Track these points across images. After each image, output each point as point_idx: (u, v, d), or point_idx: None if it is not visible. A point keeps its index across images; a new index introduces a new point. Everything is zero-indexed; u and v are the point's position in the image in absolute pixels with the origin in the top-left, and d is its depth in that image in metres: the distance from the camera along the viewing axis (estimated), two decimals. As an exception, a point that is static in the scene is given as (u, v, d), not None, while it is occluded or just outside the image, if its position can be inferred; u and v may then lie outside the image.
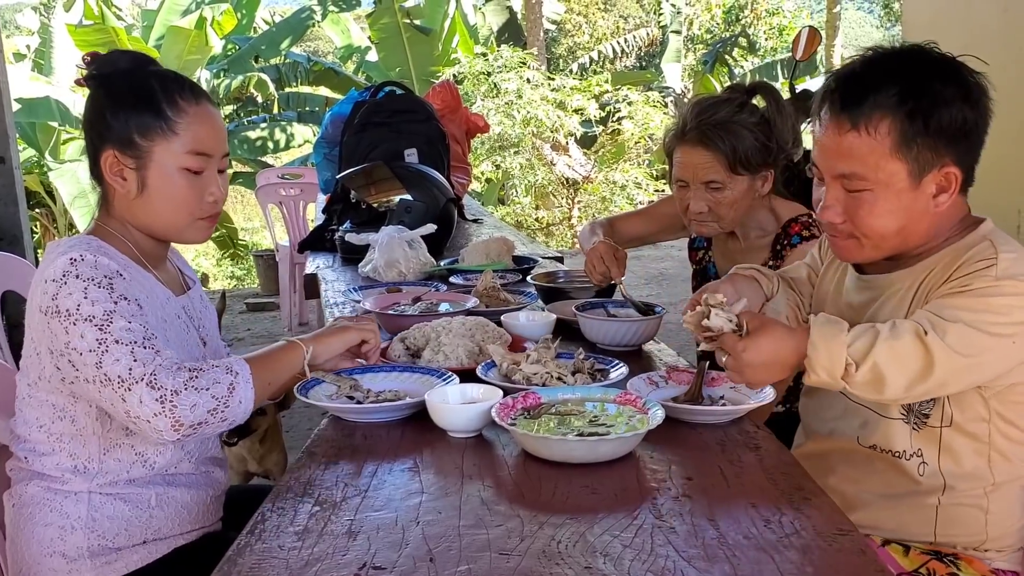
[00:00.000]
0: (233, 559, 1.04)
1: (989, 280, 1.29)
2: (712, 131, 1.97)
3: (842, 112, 1.35)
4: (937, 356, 1.23)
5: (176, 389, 1.28)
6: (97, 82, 1.50)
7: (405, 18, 12.06)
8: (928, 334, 1.23)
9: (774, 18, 15.64)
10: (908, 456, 1.42)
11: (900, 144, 1.32)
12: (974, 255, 1.34)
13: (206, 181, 1.51)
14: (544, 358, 1.58)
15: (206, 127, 1.51)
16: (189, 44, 10.71)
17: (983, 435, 1.39)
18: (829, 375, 1.26)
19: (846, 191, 1.38)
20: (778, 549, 1.02)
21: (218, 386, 1.32)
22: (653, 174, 11.40)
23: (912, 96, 1.32)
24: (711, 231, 2.10)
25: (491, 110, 10.22)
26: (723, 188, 2.00)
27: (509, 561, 1.00)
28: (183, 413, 1.28)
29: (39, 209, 10.90)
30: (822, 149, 1.39)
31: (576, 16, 18.35)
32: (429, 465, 1.30)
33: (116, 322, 1.32)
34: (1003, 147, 4.10)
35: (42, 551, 1.44)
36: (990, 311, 1.26)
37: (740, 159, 1.97)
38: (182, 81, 1.52)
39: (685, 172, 2.03)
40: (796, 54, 3.14)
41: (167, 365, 1.30)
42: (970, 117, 1.34)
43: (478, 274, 2.28)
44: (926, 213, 1.37)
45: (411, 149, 3.17)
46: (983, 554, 1.44)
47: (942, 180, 1.35)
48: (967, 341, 1.24)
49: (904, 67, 1.35)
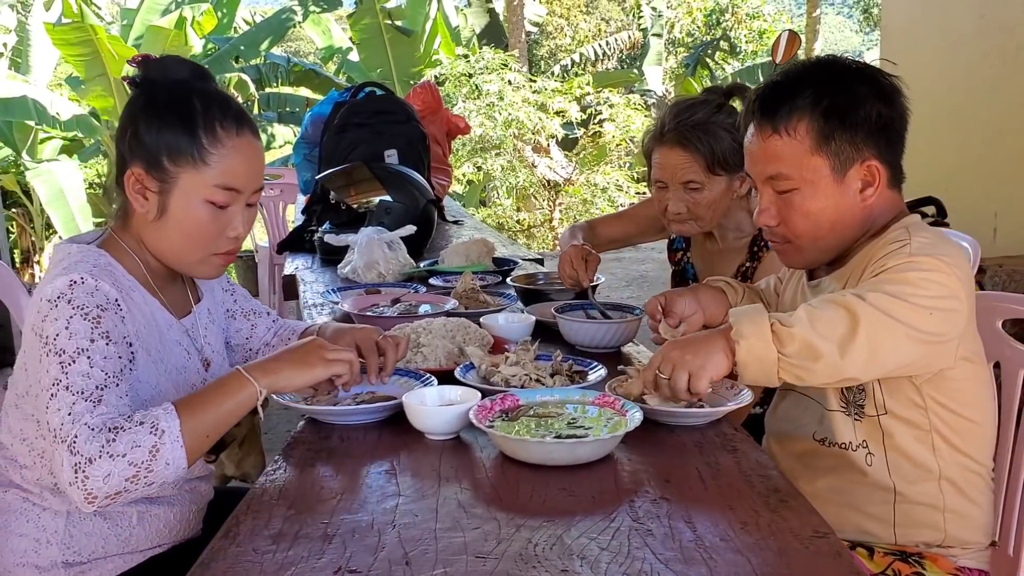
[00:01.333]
0: (206, 563, 1.03)
1: (903, 257, 1.34)
2: (690, 132, 1.98)
3: (763, 118, 1.44)
4: (860, 314, 1.27)
5: (91, 456, 1.16)
6: (140, 88, 1.41)
7: (386, 19, 12.02)
8: (847, 297, 1.29)
9: (755, 22, 15.73)
10: (854, 447, 1.45)
11: (819, 141, 1.40)
12: (888, 239, 1.40)
13: (230, 216, 1.42)
14: (523, 360, 1.58)
15: (241, 161, 1.40)
16: (168, 44, 10.62)
17: (922, 423, 1.41)
18: (762, 353, 1.29)
19: (777, 194, 1.46)
20: (755, 551, 1.02)
21: (137, 450, 1.18)
22: (634, 176, 11.43)
23: (826, 95, 1.40)
24: (690, 231, 2.11)
25: (472, 112, 10.21)
26: (701, 188, 2.01)
27: (486, 564, 1.00)
28: (95, 485, 1.16)
29: (15, 209, 10.79)
30: (750, 156, 1.49)
31: (558, 19, 18.38)
32: (406, 467, 1.29)
33: (79, 364, 1.24)
34: (978, 151, 4.18)
35: (14, 560, 1.41)
36: (908, 284, 1.30)
37: (718, 159, 1.98)
38: (228, 106, 1.41)
39: (664, 173, 2.05)
40: (776, 58, 3.17)
41: (94, 424, 1.19)
42: (885, 113, 1.41)
43: (458, 276, 2.28)
44: (854, 207, 1.43)
45: (391, 150, 3.15)
46: (947, 551, 1.45)
47: (865, 174, 1.42)
48: (887, 303, 1.28)
49: (818, 73, 1.45)
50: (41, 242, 10.94)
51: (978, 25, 4.23)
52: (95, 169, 12.62)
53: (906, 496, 1.43)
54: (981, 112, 3.95)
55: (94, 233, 1.49)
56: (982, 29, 4.20)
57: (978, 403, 1.44)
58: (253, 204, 1.47)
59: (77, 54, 10.11)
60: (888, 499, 1.44)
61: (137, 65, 1.43)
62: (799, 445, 1.54)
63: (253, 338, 1.72)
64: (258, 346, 1.72)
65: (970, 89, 4.07)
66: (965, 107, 4.09)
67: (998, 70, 4.05)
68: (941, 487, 1.43)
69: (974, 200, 3.94)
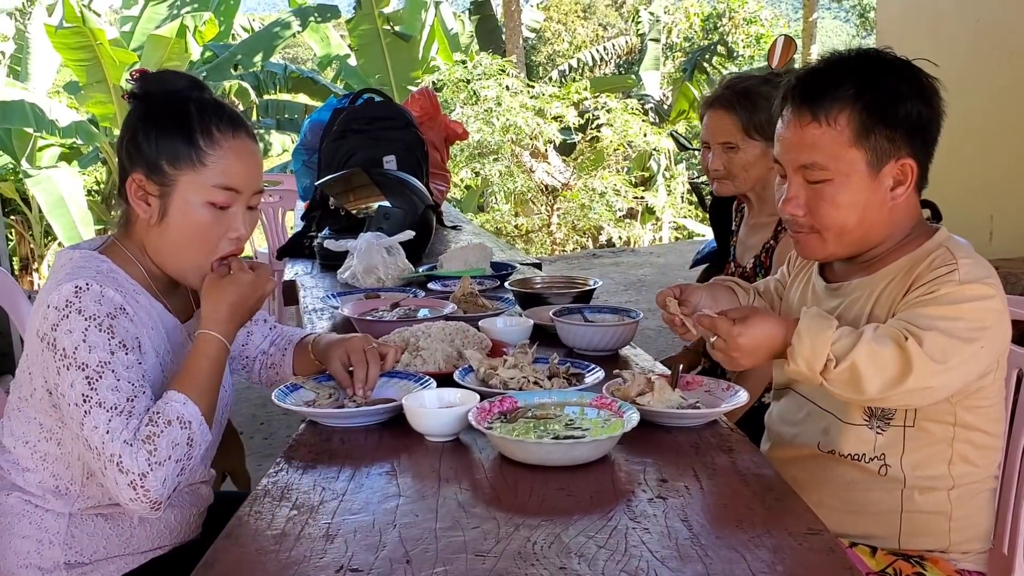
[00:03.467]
0: (210, 564, 1.04)
1: (954, 285, 1.32)
2: (733, 96, 2.17)
3: (803, 106, 1.42)
4: (915, 363, 1.25)
5: (142, 472, 1.25)
6: (137, 100, 1.45)
7: (385, 24, 12.06)
8: (908, 340, 1.27)
9: (752, 26, 15.75)
10: (868, 459, 1.44)
11: (859, 134, 1.39)
12: (933, 262, 1.38)
13: (231, 217, 1.44)
14: (521, 363, 1.59)
15: (238, 161, 1.43)
16: (168, 52, 10.65)
17: (946, 436, 1.42)
18: (808, 367, 1.29)
19: (808, 183, 1.43)
20: (750, 548, 1.04)
21: (178, 448, 1.29)
22: (632, 181, 11.46)
23: (869, 90, 1.39)
24: (726, 190, 2.26)
25: (470, 117, 10.23)
26: (737, 149, 2.18)
27: (485, 562, 1.01)
28: (156, 493, 1.26)
29: (14, 216, 10.80)
30: (784, 143, 1.46)
31: (555, 24, 18.42)
32: (406, 469, 1.30)
33: (105, 378, 1.29)
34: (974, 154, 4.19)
35: (18, 562, 1.43)
36: (962, 317, 1.30)
37: (755, 124, 2.14)
38: (222, 109, 1.45)
39: (707, 134, 2.24)
40: (772, 62, 3.19)
41: (129, 439, 1.26)
42: (924, 113, 1.41)
43: (456, 280, 2.30)
44: (884, 206, 1.42)
45: (389, 156, 3.17)
46: (948, 555, 1.46)
47: (899, 172, 1.41)
48: (942, 348, 1.27)
49: (861, 65, 1.43)
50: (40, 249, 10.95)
51: (974, 29, 4.25)
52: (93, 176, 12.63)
53: (915, 507, 1.43)
54: (977, 115, 3.97)
55: (96, 240, 1.51)
56: (978, 32, 4.22)
57: (998, 418, 1.46)
58: (254, 207, 1.49)
59: (77, 59, 10.14)
60: (896, 508, 1.44)
61: (134, 80, 1.47)
62: (801, 452, 1.53)
63: (249, 345, 1.74)
64: (254, 353, 1.74)
65: (966, 92, 4.08)
66: (961, 110, 4.09)
67: (994, 73, 4.07)
68: (951, 497, 1.43)
69: (970, 203, 3.96)
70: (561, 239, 11.51)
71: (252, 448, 3.79)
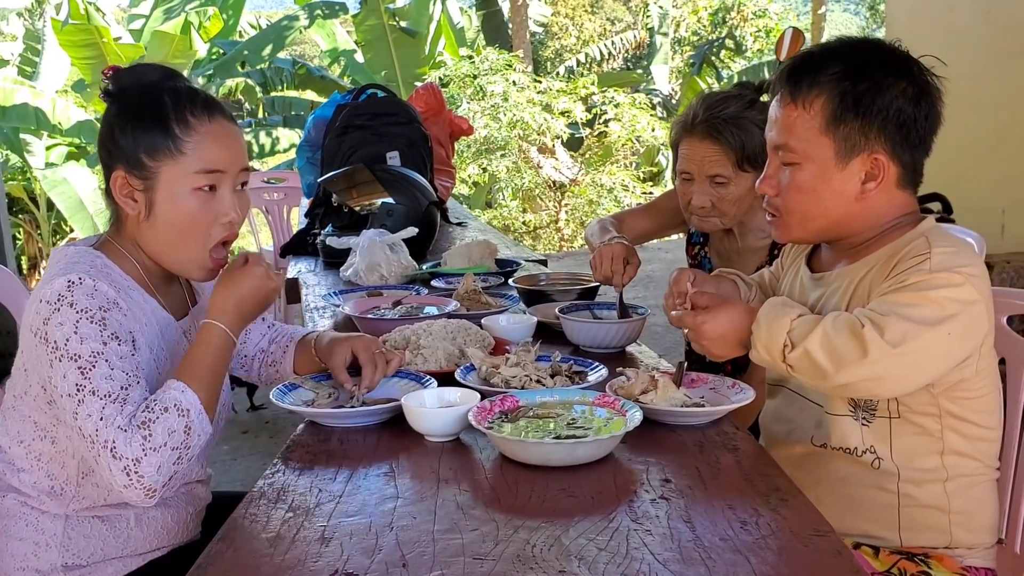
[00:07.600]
0: (204, 567, 1.02)
1: (923, 274, 1.30)
2: (722, 125, 1.95)
3: (787, 86, 1.42)
4: (870, 347, 1.24)
5: (136, 457, 1.22)
6: (112, 97, 1.44)
7: (391, 20, 12.04)
8: (865, 327, 1.26)
9: (760, 20, 15.67)
10: (860, 452, 1.43)
11: (830, 122, 1.38)
12: (909, 251, 1.36)
13: (219, 202, 1.41)
14: (524, 361, 1.57)
15: (216, 143, 1.41)
16: (173, 48, 10.67)
17: (934, 429, 1.40)
18: (768, 353, 1.33)
19: (782, 165, 1.44)
20: (754, 551, 1.01)
21: (174, 435, 1.25)
22: (640, 176, 11.41)
23: (850, 78, 1.37)
24: (711, 227, 2.08)
25: (477, 113, 10.20)
26: (727, 183, 1.98)
27: (483, 565, 0.99)
28: (151, 480, 1.22)
29: (22, 215, 10.84)
30: (770, 123, 1.47)
31: (563, 19, 18.37)
32: (405, 469, 1.28)
33: (99, 367, 1.26)
34: (986, 148, 4.14)
35: (14, 564, 1.42)
36: (926, 303, 1.27)
37: (747, 155, 1.95)
38: (196, 95, 1.42)
39: (690, 165, 2.01)
40: (780, 56, 3.14)
41: (124, 425, 1.23)
42: (908, 111, 1.37)
43: (460, 277, 2.27)
44: (850, 198, 1.41)
45: (393, 152, 3.15)
46: (954, 551, 1.43)
47: (871, 166, 1.39)
48: (901, 332, 1.25)
49: (854, 53, 1.41)
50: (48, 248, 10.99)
51: (985, 21, 4.20)
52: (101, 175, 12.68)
53: (912, 499, 1.42)
54: (988, 108, 3.92)
55: (92, 237, 1.50)
56: (989, 24, 4.17)
57: (990, 409, 1.43)
58: (244, 188, 1.47)
59: (83, 56, 10.16)
60: (893, 502, 1.42)
61: (107, 78, 1.45)
62: (796, 449, 1.52)
63: (248, 343, 1.72)
64: (253, 351, 1.72)
65: (977, 85, 4.05)
66: (972, 103, 4.05)
67: (1005, 65, 4.02)
68: (947, 489, 1.41)
69: (982, 197, 3.91)
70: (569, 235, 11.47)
71: (257, 447, 3.78)
